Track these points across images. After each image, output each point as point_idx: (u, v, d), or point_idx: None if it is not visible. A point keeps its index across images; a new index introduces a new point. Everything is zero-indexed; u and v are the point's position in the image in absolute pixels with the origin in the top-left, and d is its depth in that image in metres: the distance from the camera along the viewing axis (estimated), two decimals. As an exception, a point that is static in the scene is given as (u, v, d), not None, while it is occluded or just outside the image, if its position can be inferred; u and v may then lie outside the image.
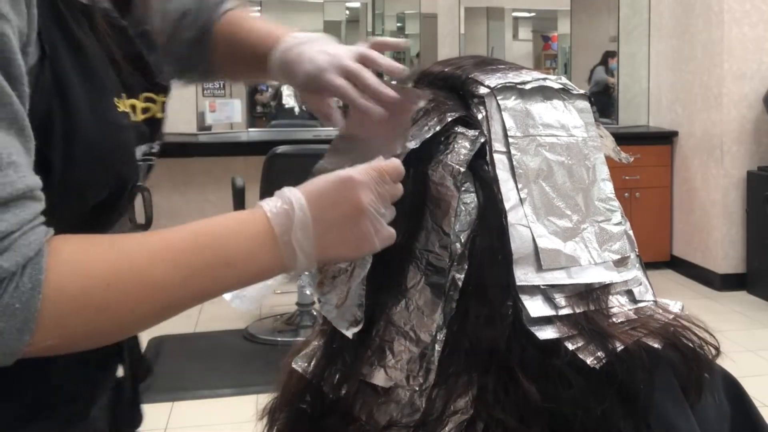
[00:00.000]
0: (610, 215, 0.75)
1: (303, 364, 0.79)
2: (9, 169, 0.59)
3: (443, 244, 0.72)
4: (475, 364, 0.70)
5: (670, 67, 5.20)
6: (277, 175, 3.69)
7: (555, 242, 0.71)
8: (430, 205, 0.73)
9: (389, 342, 0.73)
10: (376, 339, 0.74)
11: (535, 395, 0.67)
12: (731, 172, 4.58)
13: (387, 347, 0.73)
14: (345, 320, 0.76)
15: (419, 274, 0.73)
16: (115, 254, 0.64)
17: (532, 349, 0.68)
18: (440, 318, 0.71)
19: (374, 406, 0.72)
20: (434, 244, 0.72)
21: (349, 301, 0.76)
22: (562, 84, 0.77)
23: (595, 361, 0.67)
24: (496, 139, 0.73)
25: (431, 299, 0.72)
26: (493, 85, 0.75)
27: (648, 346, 0.68)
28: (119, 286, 0.62)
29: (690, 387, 0.71)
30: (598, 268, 0.72)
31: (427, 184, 0.73)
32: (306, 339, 0.83)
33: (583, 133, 0.76)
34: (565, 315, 0.69)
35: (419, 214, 0.73)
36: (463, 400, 0.69)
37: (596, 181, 0.75)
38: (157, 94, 0.80)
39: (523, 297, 0.69)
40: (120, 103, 0.73)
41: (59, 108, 0.66)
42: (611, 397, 0.67)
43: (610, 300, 0.72)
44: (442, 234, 0.72)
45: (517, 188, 0.71)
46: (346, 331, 0.75)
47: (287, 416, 0.79)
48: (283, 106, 5.88)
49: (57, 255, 0.61)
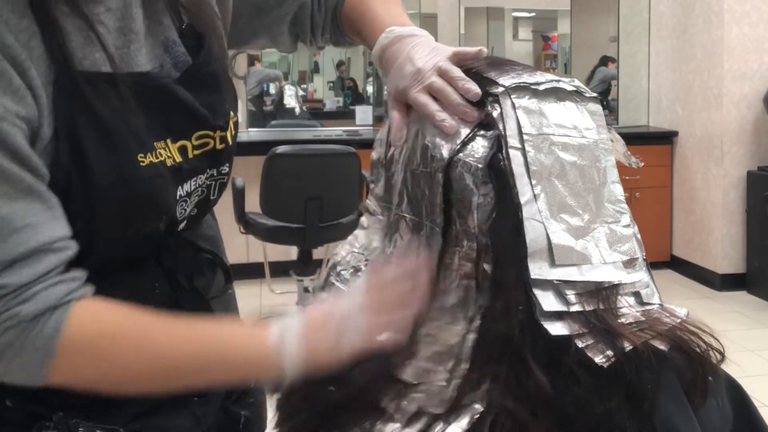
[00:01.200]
0: (619, 217, 0.76)
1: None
2: (23, 231, 0.72)
3: (470, 238, 0.74)
4: (489, 356, 0.71)
5: (670, 67, 5.20)
6: (277, 175, 3.69)
7: (567, 239, 0.72)
8: (455, 203, 0.75)
9: (422, 337, 0.76)
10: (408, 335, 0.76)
11: (546, 386, 0.68)
12: (731, 172, 4.58)
13: (420, 343, 0.76)
14: None
15: (452, 271, 0.75)
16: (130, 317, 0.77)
17: (543, 344, 0.69)
18: (473, 310, 0.73)
19: (403, 397, 0.74)
20: (462, 240, 0.74)
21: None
22: (575, 86, 0.78)
23: (604, 359, 0.67)
24: (512, 136, 0.74)
25: (464, 294, 0.74)
26: (508, 84, 0.76)
27: (655, 348, 0.69)
28: (123, 341, 0.76)
29: (695, 390, 0.71)
30: (607, 268, 0.73)
31: (449, 182, 0.75)
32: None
33: (594, 135, 0.77)
34: (576, 312, 0.70)
35: (448, 212, 0.75)
36: (478, 392, 0.71)
37: (606, 183, 0.76)
38: (213, 132, 0.90)
39: (536, 291, 0.70)
40: (149, 155, 0.82)
41: (77, 173, 0.77)
42: (618, 396, 0.67)
43: (618, 300, 0.72)
44: (469, 230, 0.74)
45: (531, 184, 0.72)
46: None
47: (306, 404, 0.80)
48: (283, 106, 5.89)
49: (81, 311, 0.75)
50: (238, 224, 3.95)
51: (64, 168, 0.77)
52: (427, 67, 0.81)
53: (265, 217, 3.83)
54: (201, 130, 0.88)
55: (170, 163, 0.85)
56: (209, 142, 0.89)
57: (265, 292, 4.39)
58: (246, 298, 4.64)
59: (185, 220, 0.91)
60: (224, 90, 0.93)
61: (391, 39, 0.89)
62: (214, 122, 0.89)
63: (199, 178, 0.90)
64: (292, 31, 1.10)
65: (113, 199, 0.79)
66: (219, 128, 0.90)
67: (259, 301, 4.49)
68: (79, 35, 0.79)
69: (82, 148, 0.77)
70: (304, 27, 1.09)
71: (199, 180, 0.90)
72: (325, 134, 5.29)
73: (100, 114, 0.78)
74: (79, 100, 0.77)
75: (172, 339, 0.77)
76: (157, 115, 0.84)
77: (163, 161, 0.84)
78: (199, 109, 0.88)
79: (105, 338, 0.75)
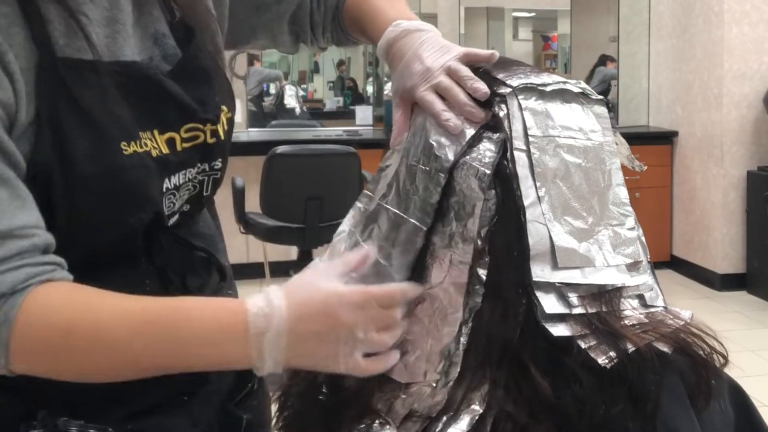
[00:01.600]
0: (623, 220, 0.76)
1: None
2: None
3: (467, 242, 0.73)
4: (488, 359, 0.71)
5: (670, 67, 5.20)
6: (277, 175, 3.69)
7: (570, 242, 0.72)
8: (455, 205, 0.74)
9: (411, 338, 0.75)
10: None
11: (547, 390, 0.67)
12: (731, 172, 4.58)
13: (409, 343, 0.75)
14: None
15: (443, 272, 0.74)
16: (84, 308, 0.73)
17: (544, 346, 0.69)
18: (464, 314, 0.72)
19: (395, 399, 0.74)
20: (457, 243, 0.73)
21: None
22: (581, 88, 0.78)
23: (607, 360, 0.67)
24: (517, 138, 0.74)
25: (456, 296, 0.73)
26: (515, 84, 0.76)
27: (658, 350, 0.69)
28: (75, 337, 0.71)
29: (699, 393, 0.71)
30: (611, 270, 0.72)
31: (451, 184, 0.74)
32: None
33: (600, 137, 0.77)
34: (578, 314, 0.70)
35: (443, 213, 0.74)
36: (476, 395, 0.70)
37: (611, 185, 0.76)
38: (203, 125, 0.88)
39: (538, 293, 0.70)
40: (133, 144, 0.80)
41: (58, 161, 0.76)
42: (621, 397, 0.67)
43: (622, 303, 0.72)
44: (467, 232, 0.73)
45: (535, 186, 0.72)
46: None
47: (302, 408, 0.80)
48: (284, 106, 5.89)
49: (36, 298, 0.71)
50: (238, 224, 3.95)
51: (45, 154, 0.75)
52: (436, 66, 0.80)
53: (265, 217, 3.83)
54: (190, 122, 0.87)
55: (156, 154, 0.83)
56: (199, 135, 0.88)
57: (265, 292, 4.38)
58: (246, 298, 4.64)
59: (176, 215, 0.89)
60: (216, 85, 0.92)
61: (398, 33, 0.88)
62: (204, 115, 0.88)
63: (188, 172, 0.89)
64: (292, 30, 1.09)
65: (95, 187, 0.78)
66: (209, 121, 0.89)
67: (259, 301, 4.49)
68: (61, 23, 0.78)
69: (63, 134, 0.76)
70: (303, 26, 1.08)
71: (189, 174, 0.89)
72: (325, 134, 5.29)
73: (82, 100, 0.77)
74: (61, 86, 0.77)
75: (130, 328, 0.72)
76: (143, 105, 0.83)
77: (148, 152, 0.82)
78: (188, 101, 0.87)
79: (56, 331, 0.71)
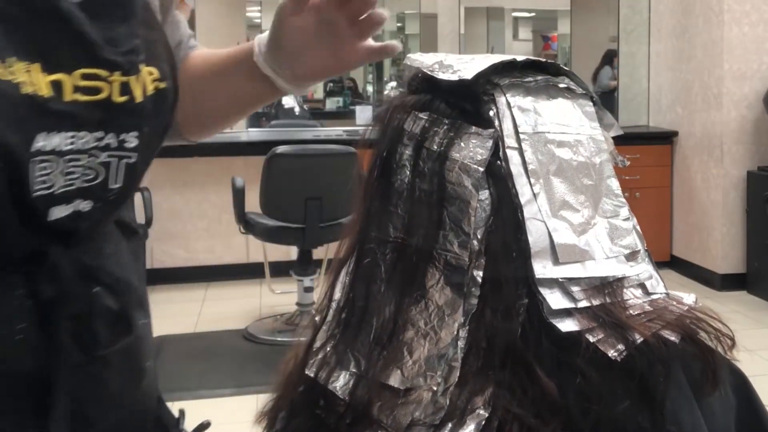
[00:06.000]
0: (618, 211, 0.76)
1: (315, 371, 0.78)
2: None
3: (462, 243, 0.72)
4: (491, 360, 0.70)
5: (670, 67, 5.20)
6: (277, 175, 3.69)
7: (569, 236, 0.72)
8: (448, 205, 0.73)
9: (407, 343, 0.74)
10: (393, 340, 0.74)
11: (553, 390, 0.67)
12: (731, 172, 4.58)
13: (405, 348, 0.74)
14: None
15: (438, 274, 0.73)
16: None
17: (548, 344, 0.69)
18: (462, 316, 0.72)
19: (395, 407, 0.72)
20: (452, 244, 0.73)
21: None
22: (566, 83, 0.79)
23: (616, 353, 0.67)
24: (508, 135, 0.74)
25: (452, 298, 0.72)
26: (503, 83, 0.76)
27: (665, 339, 0.69)
28: None
29: (705, 380, 0.71)
30: (611, 262, 0.73)
31: (443, 184, 0.74)
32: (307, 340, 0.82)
33: (588, 131, 0.77)
34: (584, 308, 0.70)
35: (436, 214, 0.74)
36: (481, 398, 0.69)
37: (603, 178, 0.77)
38: (108, 72, 0.70)
39: (542, 290, 0.70)
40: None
41: None
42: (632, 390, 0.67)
43: (624, 293, 0.72)
44: (461, 233, 0.72)
45: (530, 183, 0.72)
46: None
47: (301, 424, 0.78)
48: (283, 106, 5.88)
49: None
50: (238, 224, 3.95)
51: None
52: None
53: (265, 217, 3.83)
54: (88, 67, 0.68)
55: (28, 91, 0.65)
56: (102, 87, 0.69)
57: (265, 292, 4.39)
58: (246, 298, 4.66)
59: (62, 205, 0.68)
60: (140, 30, 0.75)
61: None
62: (110, 56, 0.69)
63: (80, 138, 0.68)
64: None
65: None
66: (118, 68, 0.70)
67: (259, 301, 4.50)
68: None
69: None
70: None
71: (81, 141, 0.69)
72: (325, 134, 5.29)
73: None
74: None
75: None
76: (28, 28, 0.66)
77: (14, 83, 0.64)
78: (92, 38, 0.69)
79: None
